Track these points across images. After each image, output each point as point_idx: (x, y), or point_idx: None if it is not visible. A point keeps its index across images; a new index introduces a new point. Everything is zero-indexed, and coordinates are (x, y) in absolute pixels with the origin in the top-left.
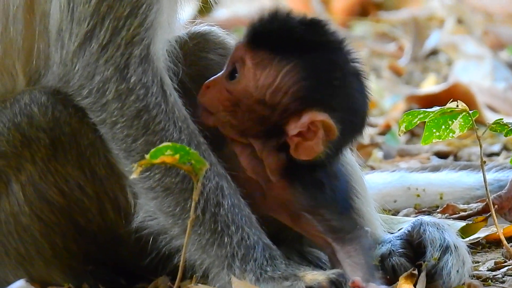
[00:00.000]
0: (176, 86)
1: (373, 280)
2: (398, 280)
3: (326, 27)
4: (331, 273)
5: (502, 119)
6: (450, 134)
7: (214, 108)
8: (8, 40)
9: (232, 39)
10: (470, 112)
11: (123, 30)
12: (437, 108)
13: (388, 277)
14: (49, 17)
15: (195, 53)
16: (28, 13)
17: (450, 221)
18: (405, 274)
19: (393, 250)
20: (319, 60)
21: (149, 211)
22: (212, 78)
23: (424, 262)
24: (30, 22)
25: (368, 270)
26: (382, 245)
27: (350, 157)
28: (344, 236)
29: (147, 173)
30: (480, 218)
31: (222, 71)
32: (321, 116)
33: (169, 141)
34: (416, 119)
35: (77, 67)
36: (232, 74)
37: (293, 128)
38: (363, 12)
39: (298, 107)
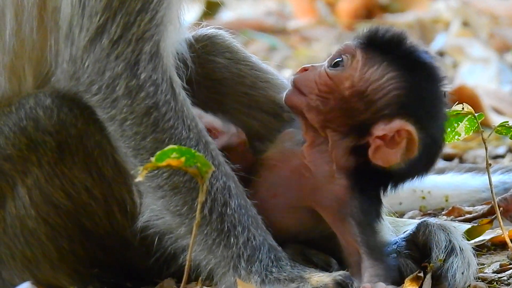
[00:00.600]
0: (184, 85)
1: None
2: (403, 282)
3: (427, 52)
4: (337, 274)
5: (507, 121)
6: (456, 137)
7: (308, 88)
8: (20, 41)
9: (238, 43)
10: (476, 114)
11: (134, 25)
12: None
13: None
14: (60, 12)
15: (202, 55)
16: (42, 10)
17: (456, 223)
18: (411, 276)
19: (399, 251)
20: (425, 80)
21: (155, 210)
22: (313, 64)
23: (429, 264)
24: (43, 19)
25: (384, 280)
26: (388, 247)
27: None
28: (374, 254)
29: (155, 172)
30: (485, 220)
31: (327, 60)
32: (410, 127)
33: (178, 139)
34: None
35: (87, 63)
36: (336, 63)
37: (381, 129)
38: (368, 14)
39: (392, 112)
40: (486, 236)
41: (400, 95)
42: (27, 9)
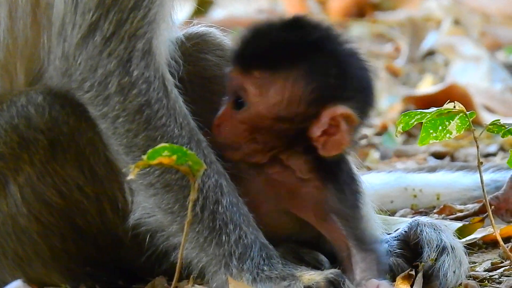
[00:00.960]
0: (177, 83)
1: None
2: (395, 280)
3: (305, 23)
4: (329, 273)
5: (499, 120)
6: (447, 135)
7: (235, 143)
8: (13, 38)
9: (229, 41)
10: (467, 113)
11: (127, 22)
12: (434, 109)
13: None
14: (52, 9)
15: (193, 53)
16: (35, 6)
17: (447, 222)
18: (402, 274)
19: (390, 250)
20: (315, 59)
21: (147, 208)
22: (219, 114)
23: (421, 262)
24: (36, 15)
25: (377, 273)
26: (379, 240)
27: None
28: (363, 244)
29: (147, 169)
30: (477, 218)
31: (224, 103)
32: (338, 110)
33: (170, 137)
34: (413, 120)
35: (79, 60)
36: (237, 104)
37: (316, 130)
38: (359, 12)
39: (315, 109)
40: (478, 234)
41: (310, 92)
42: (21, 5)
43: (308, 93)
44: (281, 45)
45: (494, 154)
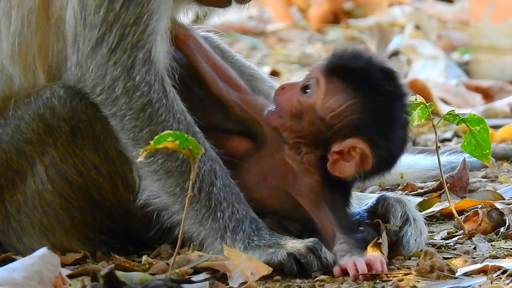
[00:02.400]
0: (175, 84)
1: (352, 250)
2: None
3: (396, 77)
4: (308, 241)
5: (454, 110)
6: (410, 123)
7: (283, 111)
8: (25, 39)
9: (225, 43)
10: (427, 104)
11: (129, 36)
12: None
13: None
14: (64, 22)
15: None
16: (41, 17)
17: (410, 197)
18: (372, 242)
19: (361, 221)
20: (380, 104)
21: (153, 191)
22: (289, 82)
23: (386, 228)
24: (44, 25)
25: (353, 246)
26: (352, 217)
27: None
28: (347, 232)
29: (152, 158)
30: (435, 194)
31: (300, 80)
32: (362, 145)
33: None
34: None
35: (91, 68)
36: (305, 88)
37: (337, 146)
38: (335, 19)
39: (348, 133)
40: (436, 208)
41: (356, 119)
42: (26, 16)
43: (354, 118)
44: (366, 75)
45: (449, 140)
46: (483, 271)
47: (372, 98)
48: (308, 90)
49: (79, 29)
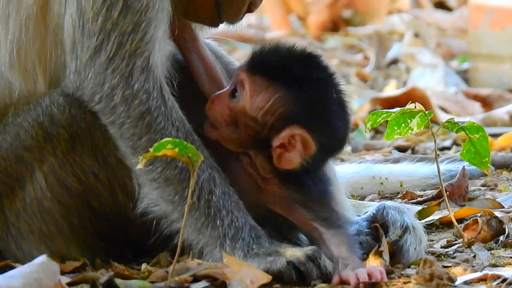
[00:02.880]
0: (173, 92)
1: (353, 254)
2: (367, 257)
3: (319, 62)
4: (307, 249)
5: (453, 118)
6: (409, 131)
7: (218, 122)
8: (23, 47)
9: (224, 51)
10: (426, 112)
11: (127, 44)
12: (398, 109)
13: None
14: (62, 30)
15: None
16: (39, 25)
17: (409, 205)
18: (373, 250)
19: (360, 230)
20: (307, 91)
21: (152, 199)
22: (218, 92)
23: (387, 239)
24: (42, 33)
25: (350, 246)
26: (351, 226)
27: None
28: (329, 222)
29: (151, 167)
30: (434, 202)
31: (226, 88)
32: (299, 131)
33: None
34: (380, 118)
35: (89, 76)
36: (233, 93)
37: (276, 140)
38: (334, 27)
39: (282, 125)
40: (435, 216)
41: (286, 110)
42: (24, 22)
43: (284, 110)
44: (286, 67)
45: (449, 148)
46: (483, 280)
47: (297, 87)
48: (235, 94)
49: (77, 37)
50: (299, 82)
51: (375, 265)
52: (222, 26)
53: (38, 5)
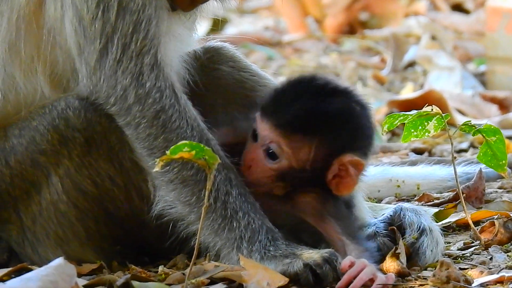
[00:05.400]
0: (187, 90)
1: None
2: (384, 259)
3: (332, 86)
4: (324, 252)
5: (470, 121)
6: (426, 134)
7: (263, 183)
8: (15, 46)
9: (240, 54)
10: (443, 115)
11: (131, 44)
12: (415, 111)
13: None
14: (60, 34)
15: (209, 65)
16: (31, 26)
17: (426, 208)
18: (390, 252)
19: (377, 231)
20: (338, 122)
21: (168, 201)
22: (250, 156)
23: (404, 241)
24: (35, 34)
25: (370, 258)
26: (368, 228)
27: None
28: (355, 239)
29: (167, 168)
30: (451, 205)
31: (252, 144)
32: (346, 158)
33: (183, 138)
34: (397, 121)
35: (101, 79)
36: (269, 154)
37: (330, 174)
38: (351, 30)
39: (330, 161)
40: (452, 218)
41: (330, 148)
42: (15, 22)
43: (327, 150)
44: (310, 115)
45: (465, 150)
46: (499, 282)
47: (328, 125)
48: (274, 156)
49: (81, 42)
50: (327, 120)
51: (392, 275)
52: (239, 29)
53: (31, 8)
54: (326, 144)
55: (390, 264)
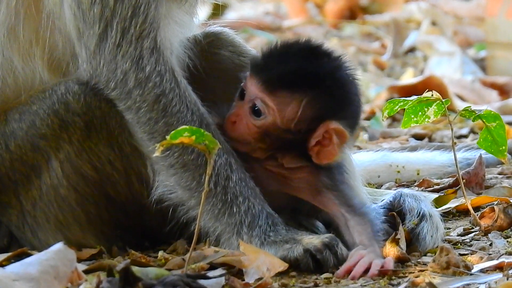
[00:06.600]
0: (187, 75)
1: (373, 243)
2: (384, 244)
3: (324, 51)
4: (324, 237)
5: (470, 106)
6: (426, 119)
7: (245, 140)
8: (14, 30)
9: (240, 39)
10: (443, 100)
11: (131, 28)
12: (415, 97)
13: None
14: (59, 18)
15: (209, 50)
16: (30, 10)
17: (426, 193)
18: (390, 238)
19: (377, 217)
20: (328, 85)
21: (168, 186)
22: (234, 112)
23: (404, 227)
24: (34, 18)
25: (372, 236)
26: (367, 205)
27: None
28: (355, 209)
29: (168, 152)
30: (451, 190)
31: (238, 102)
32: (332, 125)
33: (183, 122)
34: (397, 107)
35: (101, 63)
36: (254, 111)
37: (312, 140)
38: (351, 15)
39: (315, 125)
40: (452, 204)
41: (317, 111)
42: (15, 7)
43: (315, 112)
44: (300, 73)
45: (465, 136)
46: (499, 268)
47: (318, 86)
48: (259, 113)
49: (81, 26)
50: (318, 81)
51: (391, 258)
52: (239, 14)
53: None
54: (315, 105)
55: (390, 250)
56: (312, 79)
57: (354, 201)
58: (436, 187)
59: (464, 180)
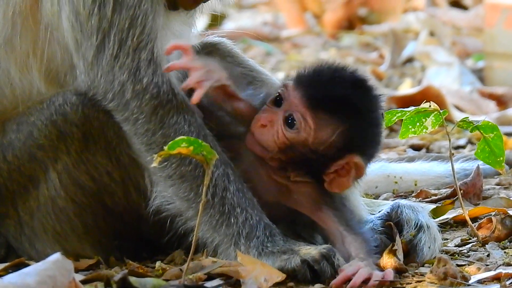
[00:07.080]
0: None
1: (369, 258)
2: (381, 255)
3: (370, 87)
4: (322, 247)
5: (468, 117)
6: (424, 130)
7: (269, 146)
8: (11, 41)
9: (238, 49)
10: (441, 111)
11: (128, 39)
12: (413, 107)
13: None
14: (58, 29)
15: None
16: (28, 21)
17: (423, 204)
18: (387, 249)
19: (374, 228)
20: (364, 120)
21: (166, 197)
22: (265, 115)
23: (401, 238)
24: (32, 29)
25: (368, 251)
26: (365, 225)
27: None
28: (352, 228)
29: (165, 163)
30: (448, 201)
31: (272, 107)
32: (356, 159)
33: (181, 134)
34: (395, 117)
35: (99, 75)
36: (288, 121)
37: (332, 168)
38: (349, 25)
39: (341, 154)
40: (449, 215)
41: (348, 142)
42: (11, 18)
43: (346, 142)
44: (345, 101)
45: (463, 147)
46: (497, 279)
47: (357, 119)
48: (293, 125)
49: (78, 37)
50: (358, 114)
51: (391, 270)
52: (238, 24)
53: (27, 4)
54: (348, 136)
55: (387, 261)
56: (353, 111)
57: (353, 221)
58: (433, 197)
59: (461, 191)
